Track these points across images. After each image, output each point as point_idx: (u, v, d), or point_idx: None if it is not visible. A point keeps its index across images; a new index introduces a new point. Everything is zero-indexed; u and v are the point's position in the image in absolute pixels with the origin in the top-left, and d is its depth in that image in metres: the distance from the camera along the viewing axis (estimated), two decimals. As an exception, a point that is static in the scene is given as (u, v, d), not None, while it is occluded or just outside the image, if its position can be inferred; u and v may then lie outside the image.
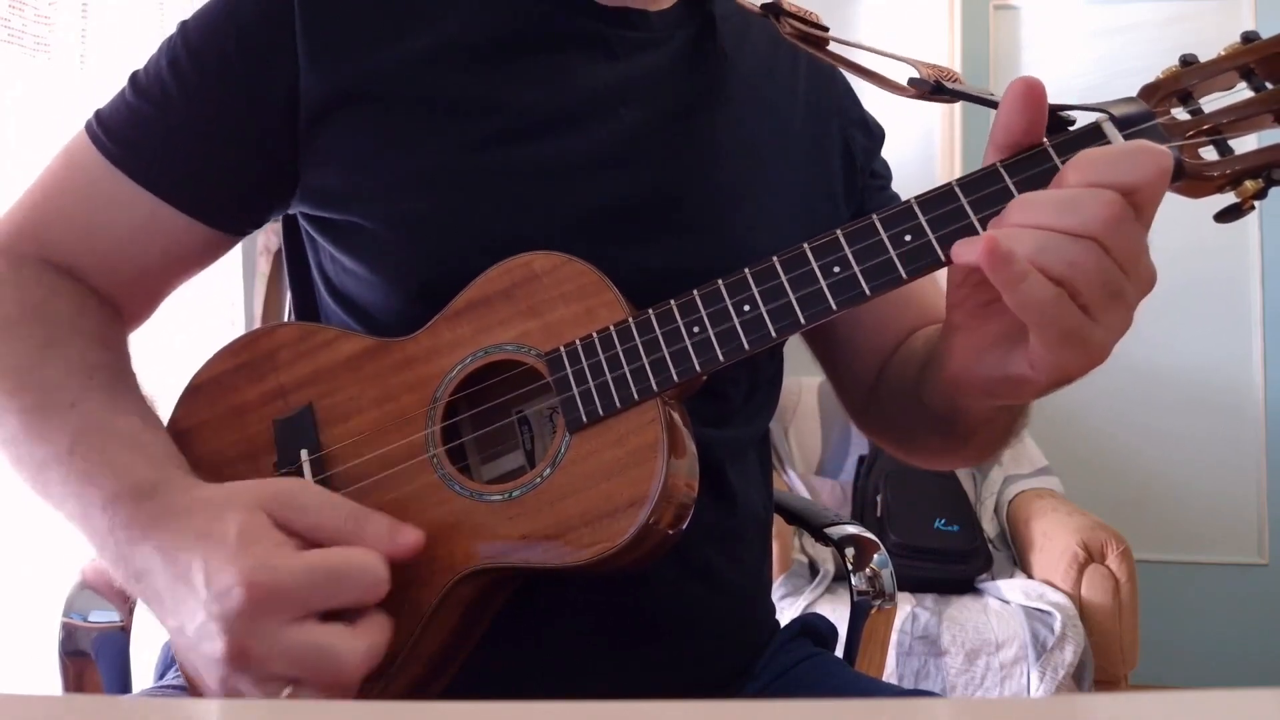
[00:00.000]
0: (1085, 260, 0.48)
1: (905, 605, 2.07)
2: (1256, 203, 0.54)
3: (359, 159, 0.66)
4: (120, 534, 0.55)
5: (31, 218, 0.69)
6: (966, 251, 0.51)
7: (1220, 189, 0.54)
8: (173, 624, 0.53)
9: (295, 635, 0.49)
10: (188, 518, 0.53)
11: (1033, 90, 0.53)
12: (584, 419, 0.57)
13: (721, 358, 0.56)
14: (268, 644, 0.49)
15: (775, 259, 0.56)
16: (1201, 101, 0.55)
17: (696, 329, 0.57)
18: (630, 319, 0.58)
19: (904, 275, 0.54)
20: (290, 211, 0.73)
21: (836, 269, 0.55)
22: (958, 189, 0.54)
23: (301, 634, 0.49)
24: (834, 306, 0.55)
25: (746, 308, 0.56)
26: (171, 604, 0.53)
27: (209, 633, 0.50)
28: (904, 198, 0.56)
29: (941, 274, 0.57)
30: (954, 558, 2.24)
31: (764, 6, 0.73)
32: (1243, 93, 0.55)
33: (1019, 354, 0.54)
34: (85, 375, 0.62)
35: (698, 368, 0.56)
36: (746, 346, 0.56)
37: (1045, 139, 0.54)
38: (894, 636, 1.98)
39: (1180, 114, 0.55)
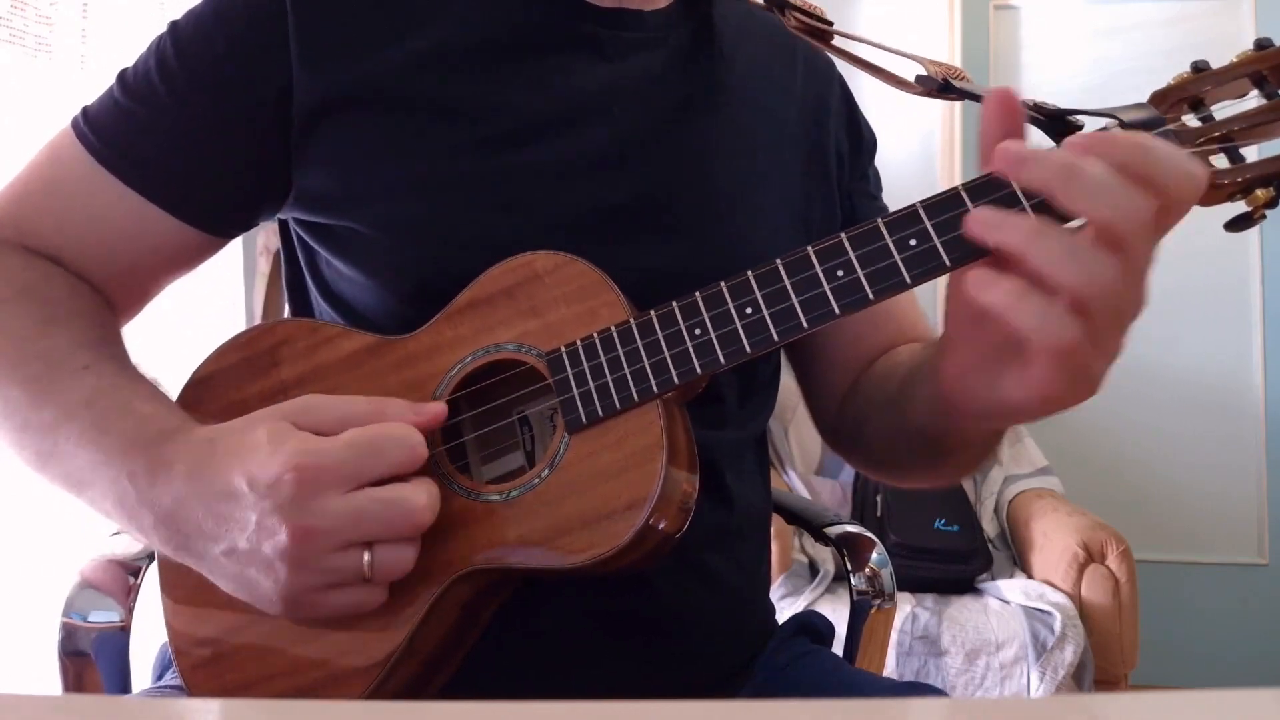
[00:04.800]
0: (1105, 274, 0.45)
1: (905, 605, 2.07)
2: (1267, 212, 0.53)
3: (353, 163, 0.66)
4: (142, 479, 0.55)
5: (14, 209, 0.69)
6: (983, 231, 0.48)
7: (1231, 197, 0.54)
8: (220, 548, 0.53)
9: (355, 500, 0.51)
10: (214, 444, 0.55)
11: (1006, 100, 0.50)
12: (583, 420, 0.57)
13: (723, 360, 0.56)
14: (330, 516, 0.51)
15: (779, 261, 0.55)
16: (1213, 108, 0.54)
17: (698, 331, 0.56)
18: (632, 320, 0.58)
19: (908, 280, 0.53)
20: (283, 217, 0.73)
21: (840, 273, 0.54)
22: (964, 193, 0.52)
23: (361, 497, 0.52)
24: (837, 310, 0.54)
25: (749, 310, 0.55)
26: (214, 526, 0.53)
27: (268, 528, 0.51)
28: (904, 198, 0.56)
29: (921, 291, 0.56)
30: (954, 558, 2.24)
31: (769, 0, 0.72)
32: (1255, 100, 0.54)
33: (1012, 375, 0.50)
34: (94, 346, 0.63)
35: (698, 369, 0.56)
36: (748, 349, 0.55)
37: (1054, 146, 0.53)
38: (894, 636, 1.98)
39: (1191, 120, 0.54)
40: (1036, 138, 0.53)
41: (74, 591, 0.81)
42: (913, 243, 0.53)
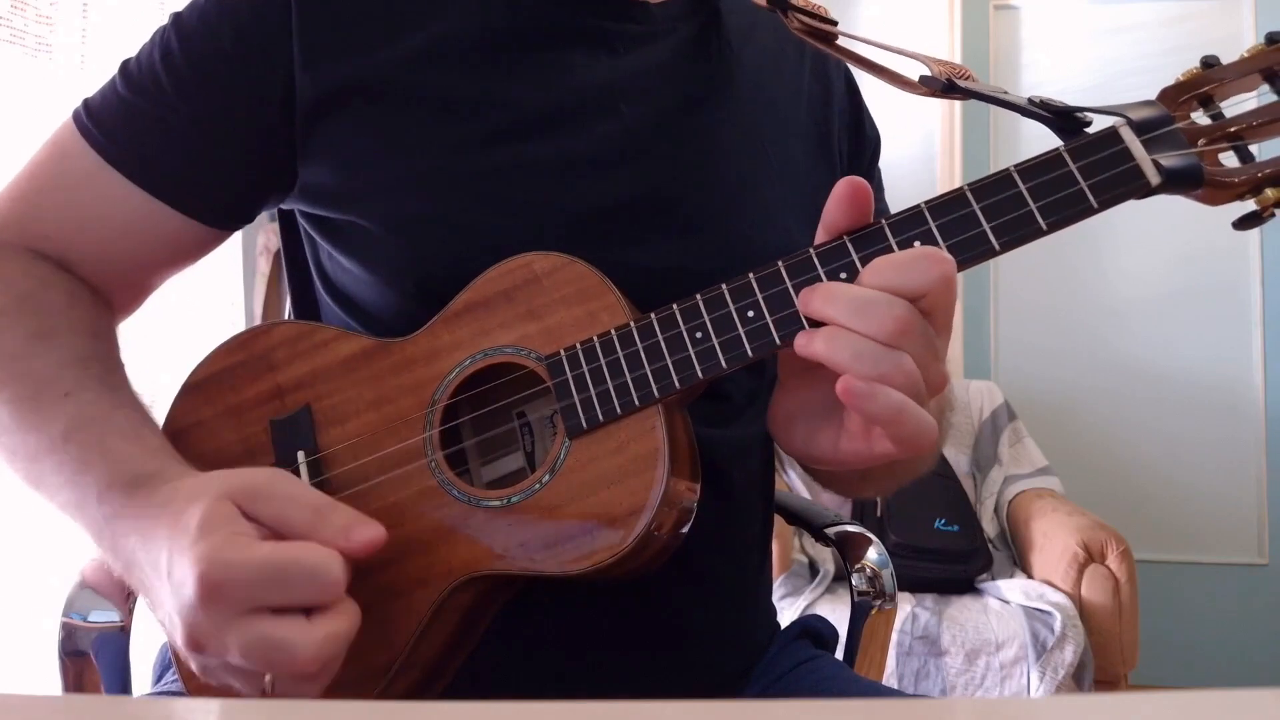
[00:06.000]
0: (893, 372, 0.49)
1: (905, 605, 2.07)
2: (1278, 211, 0.52)
3: (355, 158, 0.66)
4: (112, 525, 0.55)
5: (17, 208, 0.69)
6: (803, 344, 0.52)
7: (1240, 196, 0.53)
8: (160, 614, 0.53)
9: (244, 627, 0.48)
10: (164, 509, 0.53)
11: (857, 191, 0.53)
12: (584, 424, 0.56)
13: (724, 364, 0.55)
14: (218, 636, 0.49)
15: (780, 263, 0.55)
16: (1223, 105, 0.53)
17: (699, 334, 0.55)
18: (632, 323, 0.57)
19: None
20: (287, 208, 0.73)
21: (844, 275, 0.53)
22: (969, 192, 0.53)
23: (251, 626, 0.48)
24: None
25: (751, 313, 0.54)
26: (154, 594, 0.53)
27: (173, 622, 0.50)
28: (904, 198, 0.55)
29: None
30: (954, 558, 2.24)
31: (771, 1, 0.72)
32: (1266, 96, 0.53)
33: (828, 433, 0.55)
34: (79, 367, 0.62)
35: (700, 374, 0.55)
36: (750, 354, 0.54)
37: (1061, 145, 0.53)
38: (894, 636, 1.98)
39: (1200, 118, 0.53)
40: (1037, 132, 0.52)
41: (74, 591, 0.81)
42: (917, 244, 0.52)
